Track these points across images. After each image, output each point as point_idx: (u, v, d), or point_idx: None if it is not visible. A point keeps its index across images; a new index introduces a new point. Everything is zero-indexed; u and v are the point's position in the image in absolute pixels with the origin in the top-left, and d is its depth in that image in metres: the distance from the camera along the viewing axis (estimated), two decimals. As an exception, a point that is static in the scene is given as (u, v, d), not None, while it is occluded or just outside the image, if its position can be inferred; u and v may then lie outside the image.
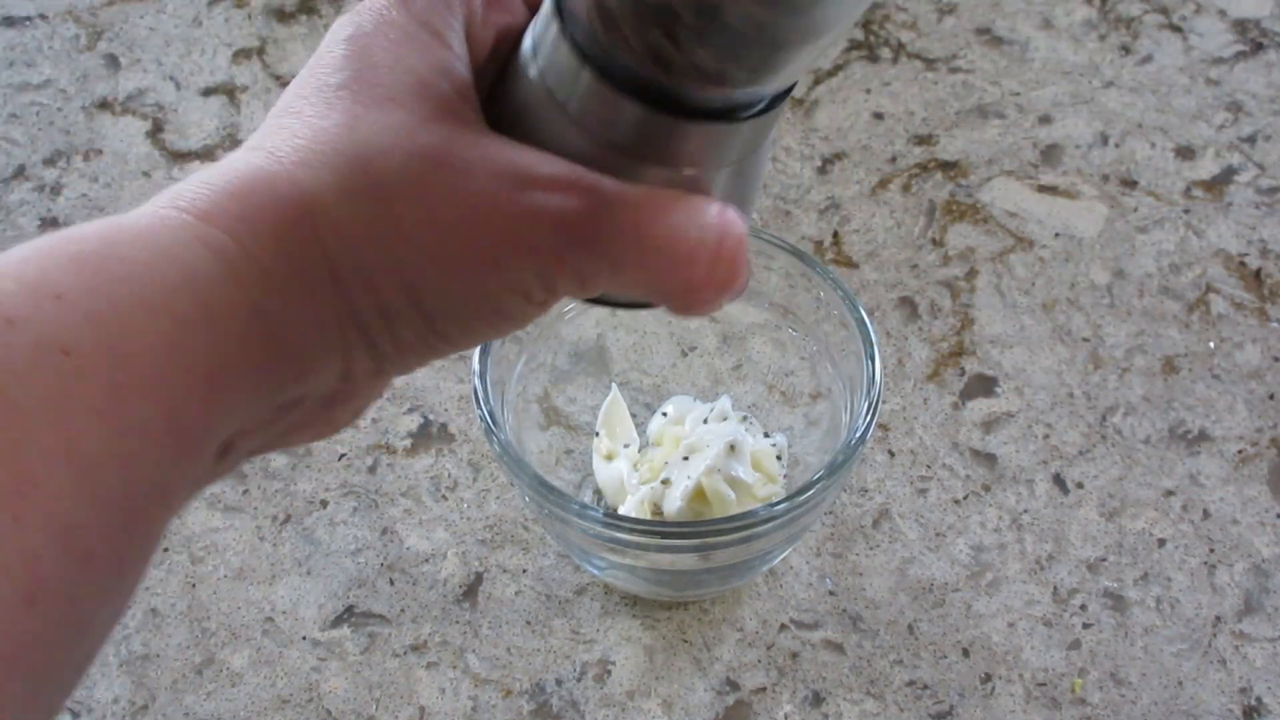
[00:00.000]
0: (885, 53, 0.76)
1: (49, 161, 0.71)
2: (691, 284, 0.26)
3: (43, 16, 0.78)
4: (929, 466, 0.58)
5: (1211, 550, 0.56)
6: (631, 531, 0.45)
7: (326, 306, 0.25)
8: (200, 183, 0.24)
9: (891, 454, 0.58)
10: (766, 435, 0.54)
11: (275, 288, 0.24)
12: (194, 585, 0.55)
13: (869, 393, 0.47)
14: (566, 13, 0.26)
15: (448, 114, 0.26)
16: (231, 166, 0.25)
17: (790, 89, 0.27)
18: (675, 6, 0.23)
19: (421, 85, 0.26)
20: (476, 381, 0.47)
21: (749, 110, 0.26)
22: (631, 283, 0.26)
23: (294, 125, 0.25)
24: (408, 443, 0.59)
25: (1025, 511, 0.57)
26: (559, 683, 0.52)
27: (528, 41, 0.28)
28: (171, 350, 0.22)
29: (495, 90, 0.28)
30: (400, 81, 0.26)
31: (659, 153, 0.26)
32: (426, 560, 0.55)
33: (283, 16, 0.78)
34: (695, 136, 0.26)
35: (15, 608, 0.20)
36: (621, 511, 0.52)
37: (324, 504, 0.57)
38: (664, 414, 0.56)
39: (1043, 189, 0.69)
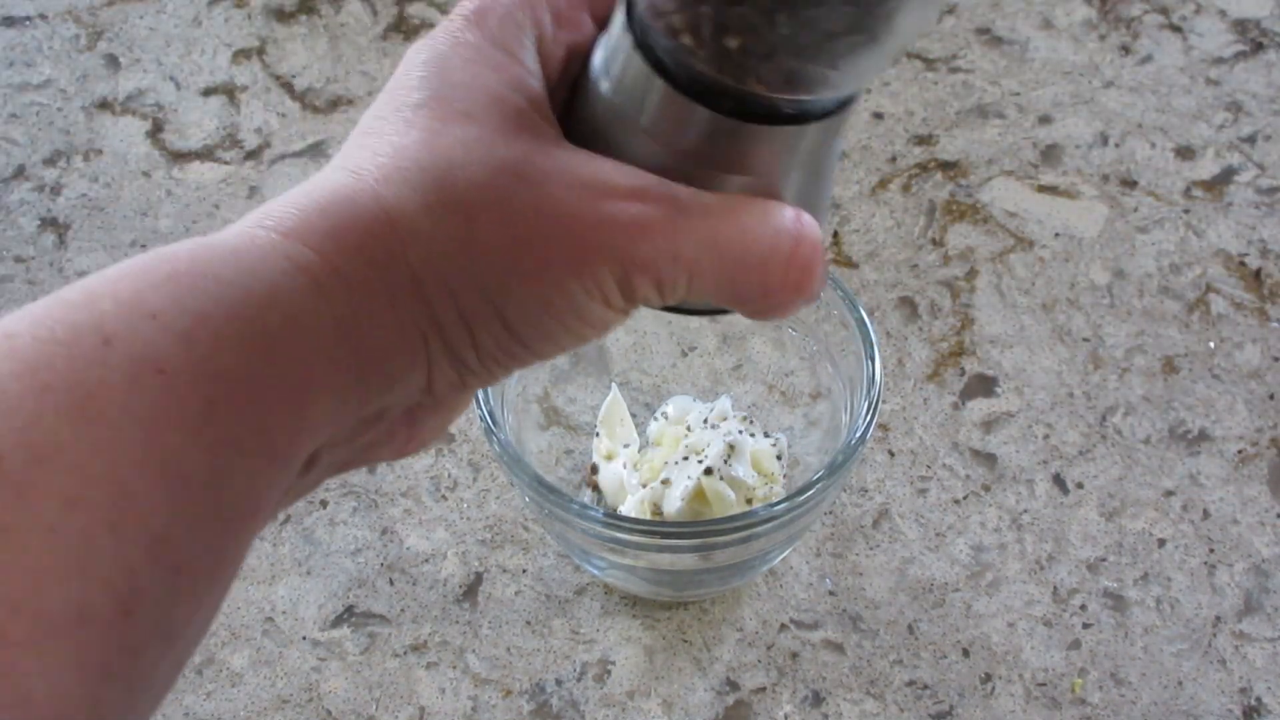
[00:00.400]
0: (885, 53, 0.76)
1: (49, 161, 0.71)
2: (768, 288, 0.27)
3: (43, 16, 0.78)
4: (929, 466, 0.58)
5: (1211, 550, 0.56)
6: (631, 531, 0.45)
7: (409, 318, 0.25)
8: (286, 202, 0.25)
9: (891, 454, 0.58)
10: (766, 435, 0.54)
11: (360, 301, 0.25)
12: (194, 585, 0.55)
13: (869, 393, 0.47)
14: (637, 25, 0.26)
15: (524, 127, 0.26)
16: (316, 186, 0.26)
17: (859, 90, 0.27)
18: (754, 16, 0.23)
19: (497, 101, 0.26)
20: (476, 381, 0.47)
21: (819, 113, 0.27)
22: (709, 289, 0.27)
23: (375, 144, 0.26)
24: (408, 443, 0.59)
25: (1025, 511, 0.57)
26: (559, 683, 0.52)
27: (597, 57, 0.28)
28: (261, 366, 0.23)
29: (568, 108, 0.29)
30: (476, 98, 0.26)
31: (732, 159, 0.27)
32: (426, 560, 0.55)
33: (283, 16, 0.78)
34: (768, 141, 0.26)
35: (113, 618, 0.20)
36: (621, 511, 0.52)
37: (324, 504, 0.57)
38: (664, 414, 0.56)
39: (1043, 189, 0.69)
